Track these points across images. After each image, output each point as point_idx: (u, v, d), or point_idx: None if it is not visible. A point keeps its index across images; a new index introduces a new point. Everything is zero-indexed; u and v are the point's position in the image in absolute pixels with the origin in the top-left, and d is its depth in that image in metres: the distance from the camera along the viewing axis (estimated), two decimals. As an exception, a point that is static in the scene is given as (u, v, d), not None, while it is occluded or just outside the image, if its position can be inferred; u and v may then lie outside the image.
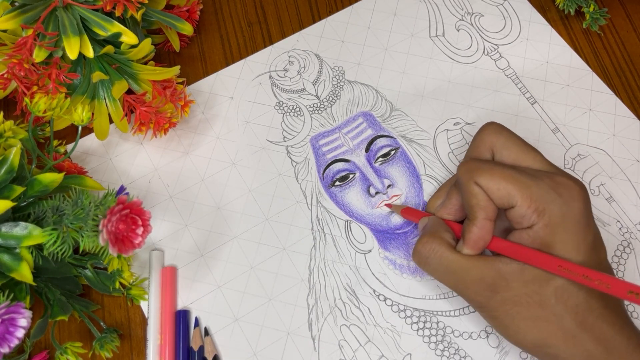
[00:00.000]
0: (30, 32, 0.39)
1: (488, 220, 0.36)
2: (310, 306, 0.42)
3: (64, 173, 0.37)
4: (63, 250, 0.33)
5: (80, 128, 0.40)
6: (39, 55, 0.39)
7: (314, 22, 0.53)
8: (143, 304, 0.43)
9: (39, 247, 0.35)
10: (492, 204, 0.35)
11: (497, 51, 0.51)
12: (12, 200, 0.33)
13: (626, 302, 0.42)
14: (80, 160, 0.47)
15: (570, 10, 0.50)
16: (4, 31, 0.42)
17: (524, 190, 0.34)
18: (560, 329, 0.34)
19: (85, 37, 0.41)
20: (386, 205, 0.45)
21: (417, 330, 0.41)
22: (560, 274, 0.33)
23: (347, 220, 0.45)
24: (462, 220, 0.40)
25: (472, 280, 0.35)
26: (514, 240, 0.36)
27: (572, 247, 0.34)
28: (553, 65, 0.50)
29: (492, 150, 0.38)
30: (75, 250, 0.40)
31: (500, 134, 0.38)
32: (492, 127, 0.39)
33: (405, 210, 0.43)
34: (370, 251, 0.44)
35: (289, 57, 0.52)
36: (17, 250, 0.34)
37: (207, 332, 0.41)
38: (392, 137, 0.48)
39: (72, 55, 0.40)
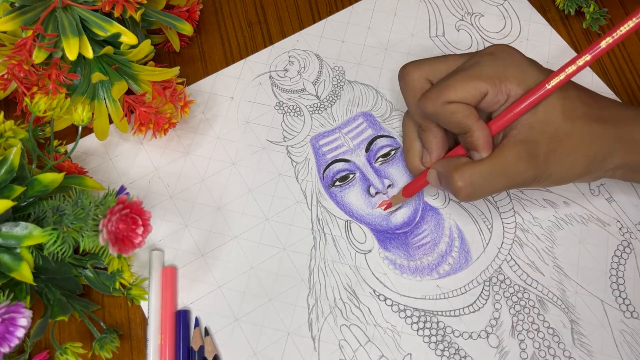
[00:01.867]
0: (29, 33, 0.39)
1: (480, 121, 0.38)
2: (311, 306, 0.42)
3: (64, 173, 0.37)
4: (63, 250, 0.33)
5: (80, 128, 0.40)
6: (38, 56, 0.39)
7: (314, 22, 0.53)
8: (143, 304, 0.43)
9: (39, 247, 0.35)
10: (471, 106, 0.38)
11: (497, 51, 0.51)
12: (13, 200, 0.33)
13: (625, 300, 0.42)
14: (81, 160, 0.47)
15: (570, 10, 0.50)
16: (4, 32, 0.42)
17: (482, 77, 0.37)
18: (591, 136, 0.38)
19: (85, 38, 0.41)
20: (385, 202, 0.45)
21: (417, 330, 0.41)
22: (553, 88, 0.36)
23: (347, 220, 0.45)
24: (449, 150, 0.41)
25: (514, 165, 0.37)
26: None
27: (540, 75, 0.38)
28: (553, 65, 0.50)
29: (427, 80, 0.40)
30: (76, 250, 0.40)
31: (421, 65, 0.41)
32: (410, 65, 0.41)
33: (405, 188, 0.43)
34: (370, 251, 0.44)
35: (289, 57, 0.52)
36: (18, 250, 0.34)
37: (207, 332, 0.42)
38: (392, 137, 0.48)
39: (72, 56, 0.40)
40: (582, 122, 0.38)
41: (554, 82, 0.36)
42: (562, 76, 0.36)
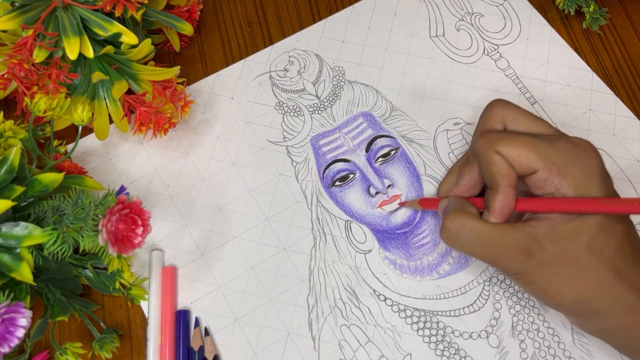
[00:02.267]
0: (30, 32, 0.39)
1: (511, 187, 0.36)
2: (311, 306, 0.42)
3: (64, 173, 0.37)
4: (63, 250, 0.33)
5: (80, 128, 0.40)
6: (39, 56, 0.39)
7: (314, 22, 0.53)
8: (143, 304, 0.43)
9: (39, 247, 0.35)
10: (513, 171, 0.36)
11: (497, 51, 0.51)
12: (13, 200, 0.33)
13: None
14: (81, 160, 0.47)
15: (570, 10, 0.50)
16: (4, 31, 0.42)
17: (544, 154, 0.35)
18: (598, 281, 0.34)
19: (85, 38, 0.41)
20: (399, 204, 0.45)
21: (417, 330, 0.41)
22: (603, 209, 0.33)
23: (347, 220, 0.45)
24: (477, 196, 0.40)
25: (505, 247, 0.35)
26: None
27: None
28: (553, 65, 0.50)
29: (503, 122, 0.39)
30: (76, 250, 0.40)
31: (509, 106, 0.39)
32: (501, 102, 0.40)
33: (422, 201, 0.43)
34: (370, 251, 0.44)
35: (289, 57, 0.52)
36: (18, 250, 0.34)
37: (207, 332, 0.41)
38: (392, 137, 0.48)
39: (72, 55, 0.40)
40: (599, 264, 0.34)
41: (605, 204, 0.33)
42: (616, 205, 0.33)
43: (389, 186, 0.46)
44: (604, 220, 0.34)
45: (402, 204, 0.45)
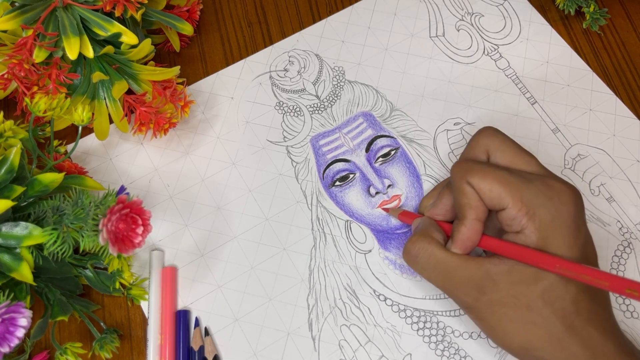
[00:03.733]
0: (30, 32, 0.39)
1: (477, 221, 0.36)
2: (311, 306, 0.42)
3: (64, 173, 0.37)
4: (63, 250, 0.33)
5: (80, 128, 0.40)
6: (39, 56, 0.39)
7: (314, 22, 0.53)
8: (143, 304, 0.43)
9: (39, 247, 0.35)
10: (483, 204, 0.35)
11: (497, 51, 0.51)
12: (13, 200, 0.33)
13: (626, 300, 0.42)
14: (81, 160, 0.47)
15: (571, 10, 0.50)
16: (4, 31, 0.42)
17: (514, 192, 0.34)
18: (547, 332, 0.33)
19: (85, 38, 0.41)
20: (383, 209, 0.45)
21: (417, 330, 0.41)
22: (557, 271, 0.33)
23: (347, 220, 0.45)
24: (453, 221, 0.40)
25: (460, 279, 0.35)
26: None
27: (564, 250, 0.34)
28: (553, 65, 0.50)
29: (487, 152, 0.38)
30: (76, 250, 0.40)
31: (496, 137, 0.38)
32: (488, 130, 0.39)
33: (402, 214, 0.43)
34: (370, 251, 0.44)
35: (289, 57, 0.52)
36: (18, 250, 0.34)
37: (207, 332, 0.41)
38: (392, 137, 0.48)
39: (72, 55, 0.40)
40: (551, 315, 0.33)
41: (560, 269, 0.32)
42: (568, 272, 0.32)
43: (389, 186, 0.46)
44: (554, 284, 0.34)
45: (385, 210, 0.45)
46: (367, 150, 0.47)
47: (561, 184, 0.35)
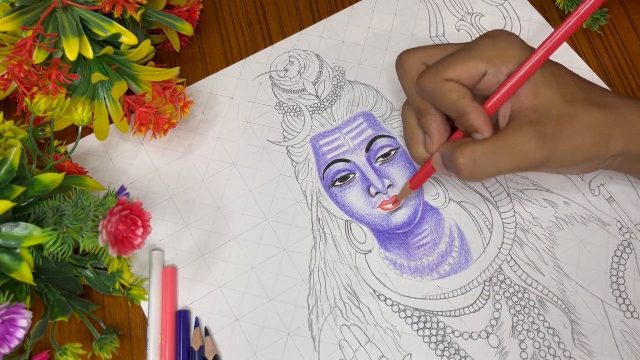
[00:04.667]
0: (29, 33, 0.39)
1: (474, 102, 0.38)
2: (311, 306, 0.42)
3: (64, 173, 0.37)
4: (63, 250, 0.33)
5: (80, 128, 0.40)
6: (38, 56, 0.39)
7: (314, 22, 0.53)
8: (143, 304, 0.43)
9: (39, 247, 0.35)
10: (466, 87, 0.38)
11: (497, 51, 0.51)
12: (13, 201, 0.33)
13: (626, 300, 0.42)
14: (81, 161, 0.47)
15: (571, 10, 0.50)
16: (4, 32, 0.42)
17: (482, 56, 0.38)
18: (596, 119, 0.37)
19: (85, 38, 0.41)
20: (393, 202, 0.45)
21: (418, 330, 0.41)
22: (548, 52, 0.37)
23: (347, 220, 0.45)
24: (450, 135, 0.41)
25: (521, 143, 0.37)
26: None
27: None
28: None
29: (423, 64, 0.40)
30: (76, 250, 0.40)
31: (418, 50, 0.41)
32: (405, 52, 0.41)
33: (412, 180, 0.42)
34: (370, 251, 0.44)
35: (289, 57, 0.52)
36: (18, 251, 0.34)
37: (207, 332, 0.42)
38: (392, 137, 0.48)
39: (72, 56, 0.40)
40: (583, 107, 0.38)
41: (540, 52, 0.37)
42: (547, 45, 0.37)
43: (389, 186, 0.46)
44: (555, 77, 0.38)
45: (395, 202, 0.45)
46: (367, 150, 0.47)
47: (494, 30, 0.40)
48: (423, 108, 0.40)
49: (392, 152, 0.47)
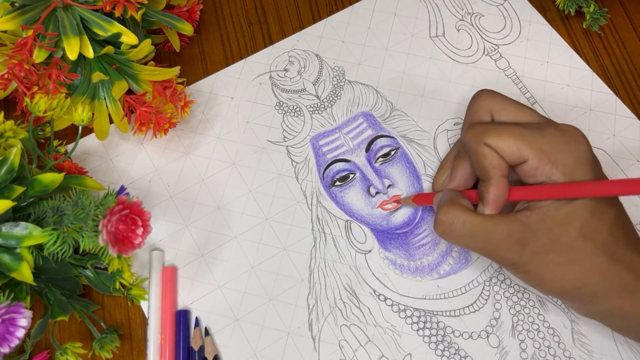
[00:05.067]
0: (30, 32, 0.39)
1: (503, 178, 0.36)
2: (311, 306, 0.42)
3: (64, 173, 0.37)
4: (63, 250, 0.33)
5: (80, 128, 0.40)
6: (39, 56, 0.39)
7: (314, 22, 0.53)
8: (143, 304, 0.43)
9: (39, 247, 0.35)
10: (504, 161, 0.36)
11: (498, 51, 0.51)
12: (13, 200, 0.33)
13: None
14: (81, 160, 0.47)
15: (571, 10, 0.50)
16: (4, 32, 0.42)
17: (533, 144, 0.35)
18: (593, 266, 0.34)
19: (85, 38, 0.41)
20: (394, 201, 0.45)
21: (418, 330, 0.41)
22: (595, 192, 0.33)
23: (348, 220, 0.45)
24: (470, 188, 0.40)
25: (500, 238, 0.35)
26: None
27: None
28: (553, 65, 0.50)
29: (490, 113, 0.39)
30: (76, 250, 0.40)
31: (496, 97, 0.39)
32: (487, 92, 0.40)
33: (417, 197, 0.43)
34: (370, 251, 0.44)
35: (289, 57, 0.52)
36: (18, 250, 0.34)
37: (207, 332, 0.42)
38: (392, 137, 0.48)
39: (72, 55, 0.40)
40: (594, 249, 0.34)
41: (599, 186, 0.33)
42: (609, 186, 0.33)
43: (389, 186, 0.46)
44: (594, 205, 0.34)
45: (397, 201, 0.45)
46: (367, 150, 0.47)
47: (570, 127, 0.37)
48: (461, 151, 0.40)
49: (392, 152, 0.47)
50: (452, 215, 0.37)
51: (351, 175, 0.46)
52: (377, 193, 0.45)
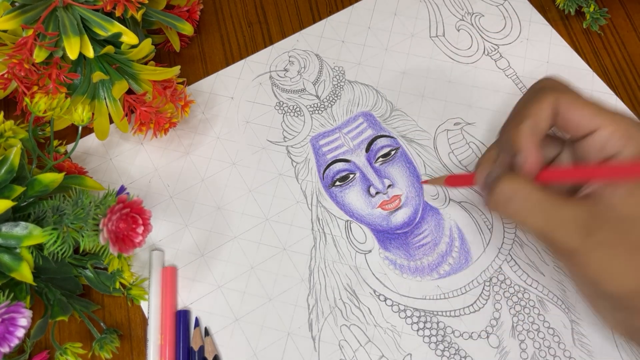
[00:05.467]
0: (30, 32, 0.39)
1: (537, 145, 0.33)
2: (311, 306, 0.42)
3: (64, 173, 0.37)
4: (63, 250, 0.33)
5: (80, 128, 0.40)
6: (39, 56, 0.39)
7: (314, 22, 0.53)
8: (143, 304, 0.43)
9: (39, 247, 0.35)
10: (544, 124, 0.33)
11: (498, 51, 0.51)
12: (13, 200, 0.33)
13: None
14: (81, 160, 0.47)
15: (571, 10, 0.50)
16: (5, 31, 0.42)
17: (607, 114, 0.32)
18: None
19: (86, 37, 0.41)
20: (422, 182, 0.45)
21: (418, 330, 0.41)
22: None
23: (348, 220, 0.45)
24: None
25: (564, 219, 0.32)
26: None
27: None
28: (553, 65, 0.50)
29: (555, 109, 0.34)
30: (76, 250, 0.40)
31: (563, 90, 0.34)
32: (552, 84, 0.35)
33: (452, 178, 0.41)
34: (370, 251, 0.44)
35: (289, 57, 0.52)
36: (18, 250, 0.34)
37: (207, 332, 0.41)
38: (392, 137, 0.48)
39: (73, 55, 0.40)
40: None
41: None
42: None
43: (389, 186, 0.46)
44: None
45: (424, 182, 0.44)
46: (367, 150, 0.47)
47: None
48: (534, 127, 0.35)
49: (392, 152, 0.47)
50: (516, 186, 0.33)
51: (351, 175, 0.46)
52: (377, 193, 0.45)
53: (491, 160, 0.37)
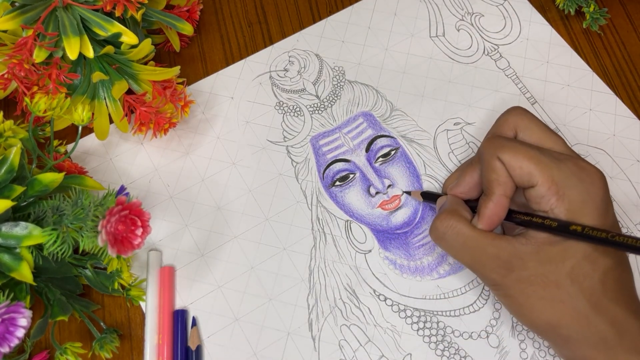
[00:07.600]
0: (30, 32, 0.39)
1: (505, 197, 0.36)
2: (311, 306, 0.42)
3: (64, 173, 0.37)
4: (63, 250, 0.33)
5: (80, 128, 0.40)
6: (39, 56, 0.39)
7: (314, 22, 0.53)
8: (142, 304, 0.43)
9: (39, 247, 0.35)
10: (512, 181, 0.36)
11: (498, 51, 0.51)
12: (13, 200, 0.33)
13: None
14: (81, 160, 0.47)
15: (571, 10, 0.50)
16: (4, 31, 0.42)
17: (545, 171, 0.34)
18: (574, 310, 0.34)
19: (86, 38, 0.41)
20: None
21: (418, 330, 0.41)
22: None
23: (347, 220, 0.45)
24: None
25: (488, 257, 0.35)
26: None
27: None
28: (553, 65, 0.50)
29: (515, 130, 0.38)
30: (75, 250, 0.40)
31: (525, 116, 0.39)
32: (518, 109, 0.39)
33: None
34: (370, 251, 0.44)
35: (289, 57, 0.52)
36: (17, 250, 0.34)
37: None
38: (392, 137, 0.48)
39: (72, 55, 0.40)
40: (579, 293, 0.33)
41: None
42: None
43: (389, 186, 0.46)
44: (590, 249, 0.34)
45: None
46: (367, 150, 0.47)
47: (591, 166, 0.36)
48: (475, 159, 0.40)
49: (392, 152, 0.47)
50: (447, 224, 0.37)
51: (351, 175, 0.46)
52: (377, 193, 0.45)
53: (453, 182, 0.41)
